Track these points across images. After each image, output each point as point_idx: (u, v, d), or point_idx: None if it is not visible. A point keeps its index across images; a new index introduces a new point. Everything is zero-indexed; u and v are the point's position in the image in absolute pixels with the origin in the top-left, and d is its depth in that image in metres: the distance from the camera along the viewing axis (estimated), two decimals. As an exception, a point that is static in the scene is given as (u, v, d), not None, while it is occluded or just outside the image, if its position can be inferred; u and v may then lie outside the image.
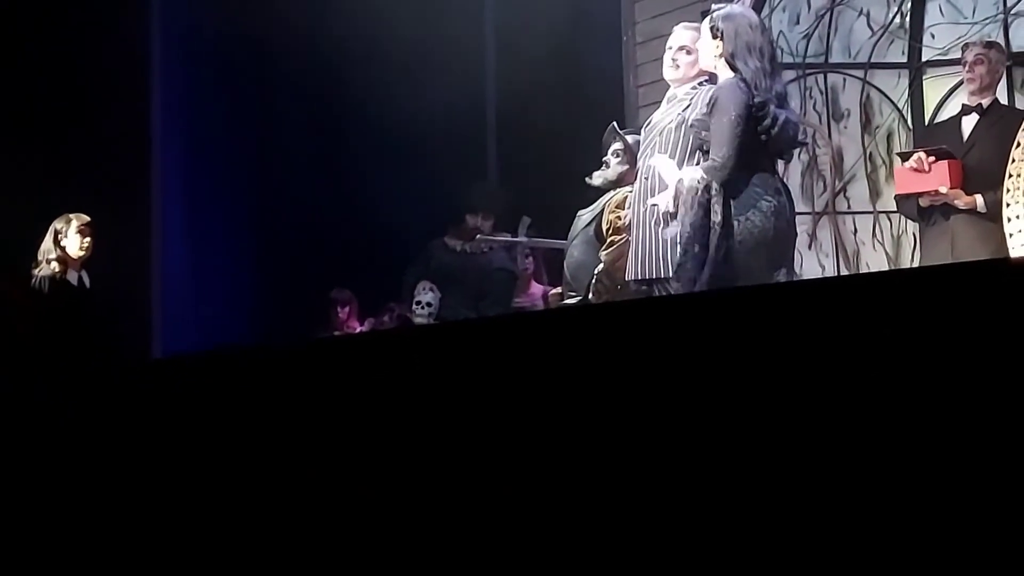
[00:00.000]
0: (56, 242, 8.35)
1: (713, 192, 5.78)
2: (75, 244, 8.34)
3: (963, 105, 7.45)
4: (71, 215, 8.41)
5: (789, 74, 6.09)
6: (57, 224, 8.40)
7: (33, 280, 8.31)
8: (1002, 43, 7.72)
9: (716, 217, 5.76)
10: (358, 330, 9.81)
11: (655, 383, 2.74)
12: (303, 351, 3.55)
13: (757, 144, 5.82)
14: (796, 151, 6.73)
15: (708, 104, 5.92)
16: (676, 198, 6.03)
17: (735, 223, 5.73)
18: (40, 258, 8.39)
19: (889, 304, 2.51)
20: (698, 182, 5.84)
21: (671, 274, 6.09)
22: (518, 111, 10.64)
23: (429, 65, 10.28)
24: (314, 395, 3.19)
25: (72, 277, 8.37)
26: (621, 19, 9.37)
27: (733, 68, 5.89)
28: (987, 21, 8.08)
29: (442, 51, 10.28)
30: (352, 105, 10.66)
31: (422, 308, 8.74)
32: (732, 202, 5.75)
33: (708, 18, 6.08)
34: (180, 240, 10.71)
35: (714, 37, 5.97)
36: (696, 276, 5.78)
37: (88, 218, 8.42)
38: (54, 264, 8.32)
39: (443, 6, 10.44)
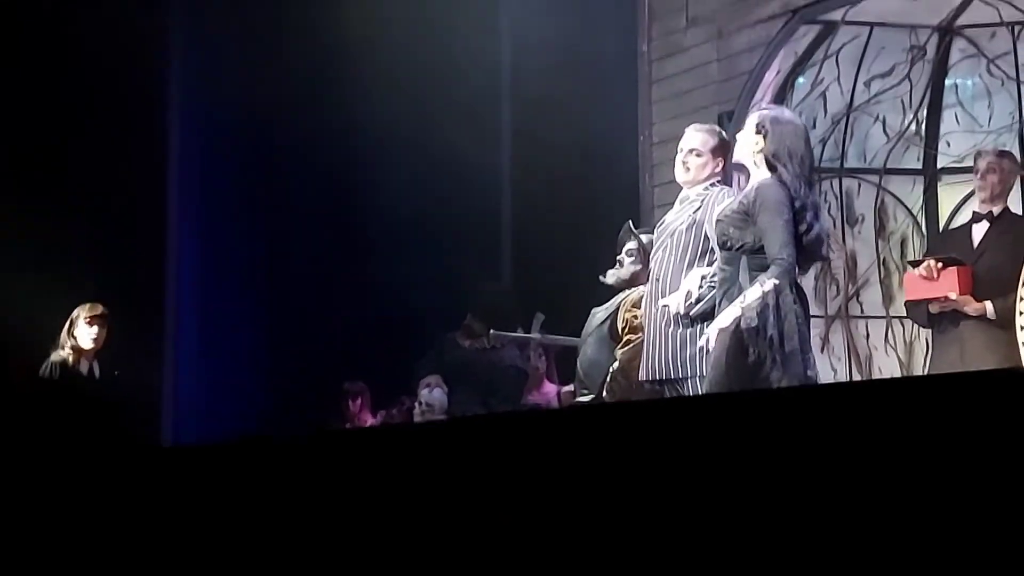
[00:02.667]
0: (69, 331, 8.36)
1: (789, 291, 5.71)
2: (86, 334, 8.34)
3: (974, 213, 7.47)
4: (87, 304, 8.42)
5: (815, 188, 6.08)
6: (74, 312, 8.42)
7: (43, 366, 8.31)
8: (1016, 153, 7.75)
9: (789, 313, 5.69)
10: (370, 423, 9.79)
11: (668, 483, 2.73)
12: (310, 443, 3.55)
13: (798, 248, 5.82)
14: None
15: (750, 202, 5.85)
16: (686, 299, 6.03)
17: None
18: (57, 345, 8.41)
19: (899, 411, 2.51)
20: (774, 287, 5.71)
21: (683, 374, 6.09)
22: (534, 206, 10.69)
23: (446, 159, 10.34)
24: (321, 487, 3.19)
25: (84, 366, 8.36)
26: (638, 119, 9.43)
27: (771, 168, 5.88)
28: (1002, 130, 8.13)
29: (459, 146, 10.34)
30: (368, 197, 10.72)
31: (421, 407, 8.72)
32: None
33: (756, 114, 6.07)
34: (193, 329, 10.74)
35: (757, 133, 5.95)
36: (783, 375, 5.67)
37: (101, 308, 8.41)
38: (67, 351, 8.33)
39: (462, 101, 10.51)
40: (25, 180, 9.97)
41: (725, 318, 5.78)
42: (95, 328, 8.35)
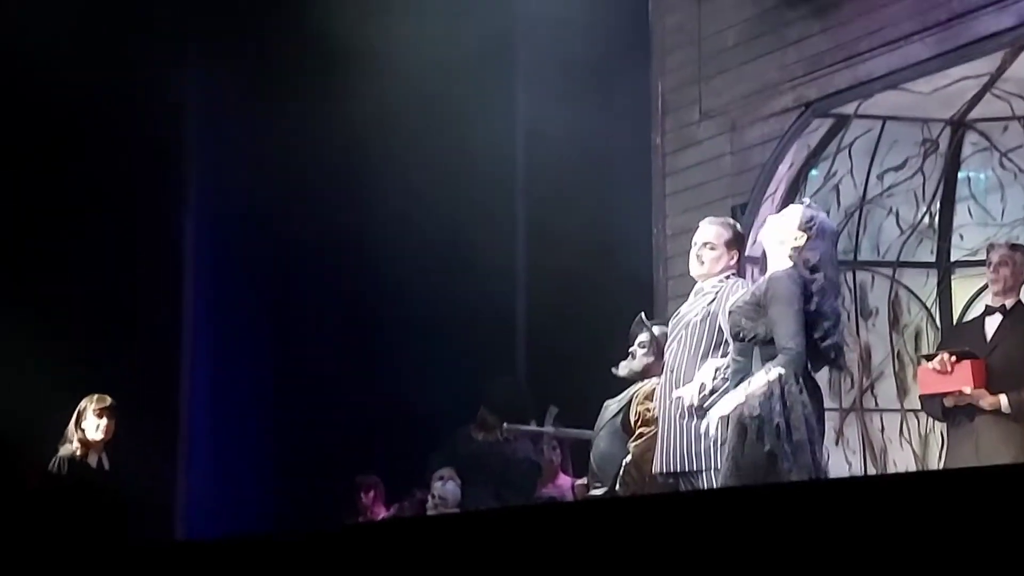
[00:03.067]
0: (77, 423, 8.31)
1: (795, 381, 5.70)
2: (93, 426, 8.27)
3: (986, 306, 7.46)
4: (94, 396, 8.37)
5: (838, 294, 6.06)
6: (81, 404, 8.37)
7: (52, 461, 8.26)
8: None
9: (796, 403, 5.68)
10: (383, 515, 9.75)
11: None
12: (322, 538, 3.53)
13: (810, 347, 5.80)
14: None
15: (762, 293, 5.85)
16: (700, 391, 6.03)
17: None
18: (65, 439, 8.35)
19: (914, 505, 2.49)
20: (779, 376, 5.70)
21: (697, 467, 6.08)
22: (548, 299, 10.71)
23: (460, 253, 10.38)
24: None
25: (93, 459, 8.30)
26: (652, 211, 9.46)
27: (812, 270, 5.84)
28: (1016, 223, 8.14)
29: (473, 239, 10.38)
30: (382, 291, 10.75)
31: (434, 500, 8.69)
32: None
33: (803, 209, 6.01)
34: (205, 424, 10.74)
35: (803, 229, 5.92)
36: (793, 465, 5.65)
37: (109, 400, 8.32)
38: (75, 445, 8.27)
39: (476, 193, 10.56)
40: (35, 272, 10.01)
41: (727, 404, 5.79)
42: (104, 420, 8.28)
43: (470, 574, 2.99)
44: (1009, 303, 7.34)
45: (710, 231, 6.57)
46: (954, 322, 8.23)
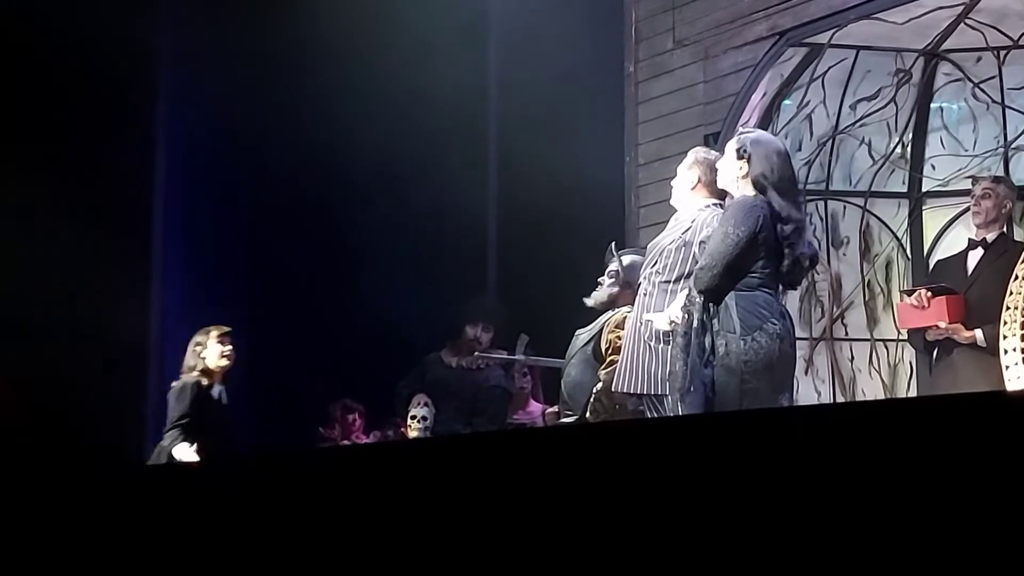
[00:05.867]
0: (197, 354, 8.08)
1: (695, 300, 5.81)
2: (216, 353, 8.06)
3: (969, 240, 7.50)
4: (210, 327, 8.15)
5: (801, 207, 6.11)
6: (198, 337, 8.14)
7: (181, 387, 8.03)
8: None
9: (695, 324, 5.77)
10: (364, 442, 9.78)
11: (652, 506, 2.73)
12: (295, 460, 3.54)
13: (764, 266, 5.83)
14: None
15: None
16: (671, 319, 6.07)
17: (741, 342, 5.72)
18: (186, 368, 8.12)
19: (887, 434, 2.51)
20: (689, 292, 5.87)
21: (664, 390, 6.11)
22: (520, 228, 10.70)
23: (433, 180, 10.35)
24: (311, 505, 3.18)
25: (215, 391, 8.08)
26: (624, 140, 9.44)
27: (760, 190, 5.91)
28: (987, 154, 8.15)
29: (446, 167, 10.35)
30: (354, 218, 10.72)
31: (417, 422, 8.71)
32: (737, 319, 5.75)
33: (735, 139, 6.10)
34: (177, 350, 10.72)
35: (740, 158, 5.98)
36: (684, 385, 5.77)
37: (227, 328, 8.15)
38: (196, 374, 8.03)
39: (448, 120, 10.52)
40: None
41: (657, 320, 6.08)
42: (227, 346, 8.06)
43: (440, 499, 3.00)
44: (990, 236, 7.37)
45: (691, 161, 6.58)
46: (924, 253, 8.26)
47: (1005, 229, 7.50)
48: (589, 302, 7.26)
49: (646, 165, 9.10)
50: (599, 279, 7.28)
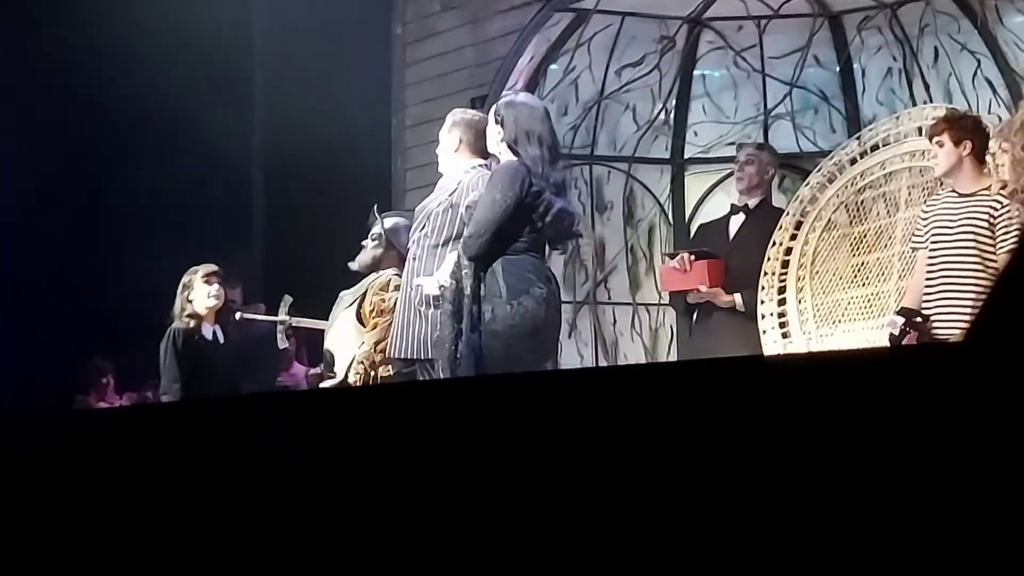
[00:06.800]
0: (185, 297, 7.54)
1: (464, 267, 5.82)
2: (204, 294, 7.46)
3: (732, 205, 7.65)
4: (197, 267, 7.61)
5: (560, 166, 6.16)
6: (185, 278, 7.60)
7: (165, 336, 7.50)
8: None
9: (467, 291, 5.78)
10: (118, 403, 9.57)
11: (416, 469, 2.71)
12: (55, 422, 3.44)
13: (531, 230, 5.86)
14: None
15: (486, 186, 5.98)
16: (440, 284, 6.07)
17: (508, 306, 5.75)
18: (173, 315, 7.58)
19: (646, 397, 2.53)
20: (457, 257, 5.89)
21: (433, 355, 6.11)
22: (285, 188, 10.59)
23: (195, 136, 10.15)
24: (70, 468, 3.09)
25: (207, 331, 7.52)
26: (391, 103, 9.40)
27: (515, 153, 5.94)
28: (748, 122, 8.31)
29: (209, 124, 10.16)
30: (111, 172, 10.46)
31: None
32: (503, 284, 5.77)
33: (494, 106, 6.14)
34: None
35: (496, 123, 6.01)
36: (453, 351, 5.79)
37: (215, 267, 7.61)
38: (185, 320, 7.48)
39: (211, 75, 10.32)
40: None
41: (426, 284, 6.09)
42: (214, 286, 7.50)
43: (196, 463, 2.94)
44: (752, 202, 7.53)
45: (449, 124, 6.57)
46: (686, 219, 8.40)
47: (767, 196, 7.67)
48: (353, 265, 7.22)
49: (413, 127, 9.08)
50: (363, 242, 7.24)
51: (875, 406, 2.31)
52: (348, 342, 7.06)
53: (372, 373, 6.85)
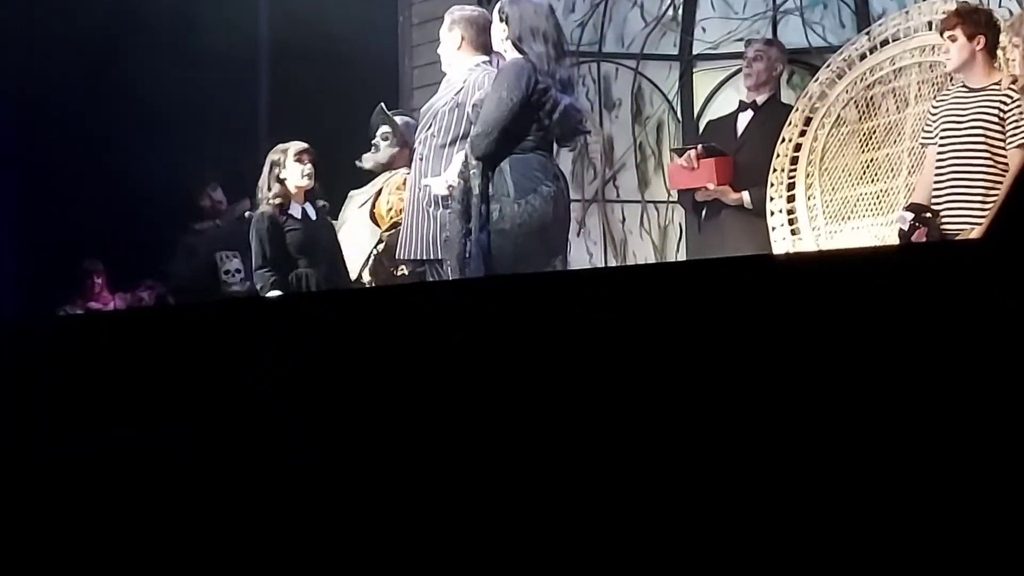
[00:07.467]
0: (273, 176, 7.18)
1: (472, 166, 5.81)
2: (297, 172, 7.12)
3: (740, 102, 7.61)
4: (284, 145, 7.27)
5: (566, 62, 6.13)
6: (272, 156, 7.26)
7: (251, 225, 7.20)
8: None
9: (475, 190, 5.78)
10: (112, 304, 9.51)
11: (435, 370, 2.73)
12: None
13: (538, 128, 5.85)
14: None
15: (493, 84, 5.96)
16: (448, 183, 6.06)
17: (516, 205, 5.75)
18: (257, 200, 7.28)
19: (658, 297, 2.54)
20: (465, 157, 5.88)
21: (442, 255, 6.11)
22: (291, 87, 10.51)
23: (199, 38, 10.07)
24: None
25: (296, 210, 7.12)
26: (397, 0, 9.33)
27: (520, 51, 5.92)
28: (756, 17, 8.25)
29: (210, 22, 10.06)
30: (118, 74, 10.38)
31: (232, 276, 8.55)
32: (511, 183, 5.77)
33: (498, 4, 6.10)
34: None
35: (500, 21, 5.99)
36: (462, 251, 5.80)
37: (305, 144, 7.25)
38: (272, 201, 7.11)
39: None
40: None
41: (435, 185, 6.08)
42: (307, 165, 7.11)
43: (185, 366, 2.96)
44: (761, 99, 7.49)
45: (449, 22, 6.52)
46: (695, 116, 8.37)
47: (775, 92, 7.63)
48: (367, 164, 7.20)
49: (420, 25, 9.01)
50: (373, 142, 7.21)
51: (885, 304, 2.31)
52: (362, 241, 7.05)
53: (392, 271, 6.85)
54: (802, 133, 7.35)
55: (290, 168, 7.08)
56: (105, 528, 2.88)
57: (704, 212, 7.48)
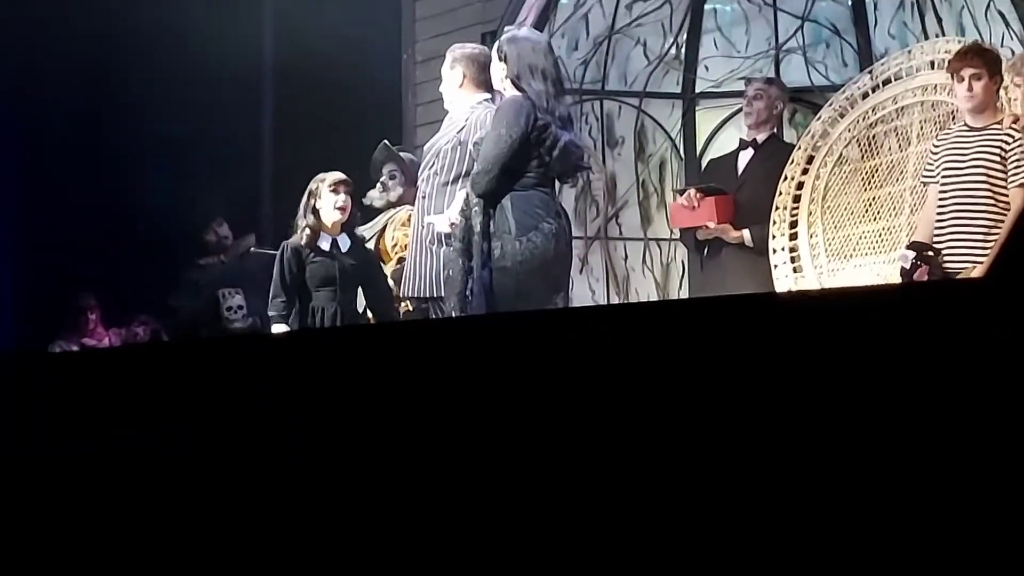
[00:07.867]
0: (310, 207, 7.05)
1: (473, 204, 5.82)
2: (331, 203, 6.95)
3: (740, 140, 7.64)
4: (323, 175, 7.09)
5: (566, 100, 6.15)
6: (311, 185, 7.09)
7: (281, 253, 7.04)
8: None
9: (476, 228, 5.78)
10: (105, 340, 9.49)
11: (437, 407, 2.73)
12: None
13: (538, 165, 5.86)
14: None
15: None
16: (451, 221, 6.07)
17: (517, 243, 5.76)
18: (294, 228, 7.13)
19: (660, 334, 2.54)
20: (466, 195, 5.89)
21: (444, 293, 6.12)
22: (295, 123, 10.55)
23: (203, 72, 10.10)
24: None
25: (325, 243, 6.99)
26: (401, 38, 9.36)
27: (519, 89, 5.94)
28: (759, 56, 8.27)
29: (219, 58, 10.10)
30: (120, 107, 10.39)
31: (234, 313, 8.56)
32: (512, 220, 5.78)
33: (496, 42, 6.13)
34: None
35: (499, 60, 6.01)
36: (464, 288, 5.80)
37: (343, 175, 7.08)
38: (304, 233, 7.00)
39: (221, 22, 10.25)
40: None
41: (438, 223, 6.10)
42: (342, 195, 6.95)
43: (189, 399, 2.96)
44: (761, 137, 7.51)
45: (451, 60, 6.55)
46: (697, 154, 8.38)
47: (776, 130, 7.65)
48: (377, 203, 7.21)
49: (424, 63, 9.04)
50: (380, 180, 7.23)
51: (887, 342, 2.31)
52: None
53: (396, 307, 6.86)
54: (805, 171, 7.37)
55: (324, 199, 7.00)
56: (105, 528, 2.88)
57: (706, 250, 7.51)
